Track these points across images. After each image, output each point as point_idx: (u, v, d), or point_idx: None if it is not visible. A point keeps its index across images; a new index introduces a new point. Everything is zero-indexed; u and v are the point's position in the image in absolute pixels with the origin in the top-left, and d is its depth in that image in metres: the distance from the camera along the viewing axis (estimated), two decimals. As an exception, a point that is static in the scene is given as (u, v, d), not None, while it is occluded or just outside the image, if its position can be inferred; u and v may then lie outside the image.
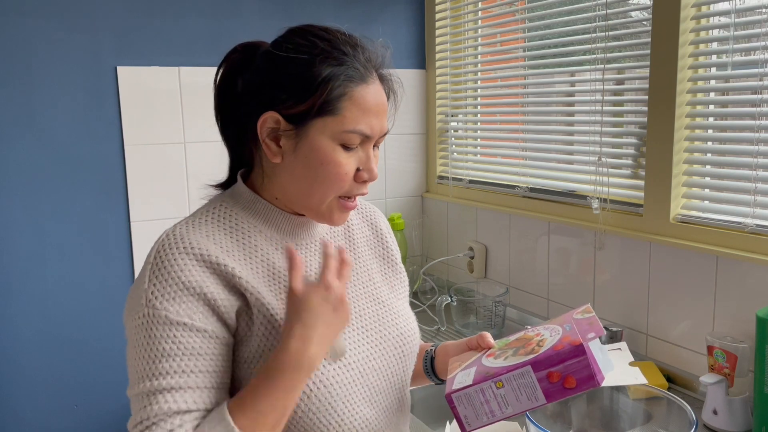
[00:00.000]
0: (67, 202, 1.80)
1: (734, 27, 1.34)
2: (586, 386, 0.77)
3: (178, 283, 0.78)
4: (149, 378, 0.78)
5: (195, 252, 0.80)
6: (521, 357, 0.81)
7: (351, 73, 0.81)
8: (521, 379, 0.79)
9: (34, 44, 1.72)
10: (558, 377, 0.77)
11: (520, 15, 1.94)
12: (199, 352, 0.78)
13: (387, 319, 0.95)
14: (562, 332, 0.84)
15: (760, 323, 1.15)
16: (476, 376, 0.82)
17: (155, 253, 0.81)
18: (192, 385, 0.77)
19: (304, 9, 2.05)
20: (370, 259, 1.00)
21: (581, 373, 0.77)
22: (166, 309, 0.77)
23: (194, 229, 0.84)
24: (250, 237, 0.87)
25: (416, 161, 2.34)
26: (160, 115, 1.88)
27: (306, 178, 0.83)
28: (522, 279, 1.92)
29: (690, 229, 1.42)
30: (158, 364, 0.77)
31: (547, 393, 0.78)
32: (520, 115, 1.95)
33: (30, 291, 1.79)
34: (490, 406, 0.80)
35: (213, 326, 0.79)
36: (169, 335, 0.77)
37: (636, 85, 1.63)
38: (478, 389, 0.80)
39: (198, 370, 0.78)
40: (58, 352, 1.84)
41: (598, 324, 0.84)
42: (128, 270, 1.89)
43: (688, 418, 1.04)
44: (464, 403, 0.81)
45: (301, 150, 0.82)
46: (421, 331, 1.91)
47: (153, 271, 0.79)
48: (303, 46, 0.82)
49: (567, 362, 0.77)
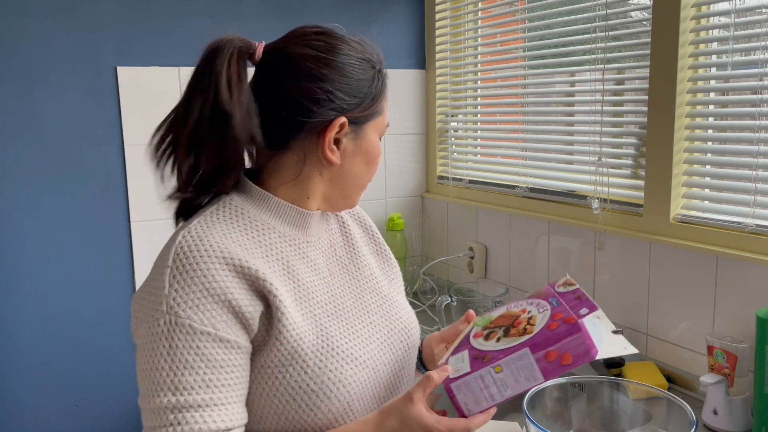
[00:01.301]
0: (67, 202, 1.80)
1: (734, 27, 1.34)
2: (583, 361, 0.78)
3: (202, 289, 0.75)
4: (171, 392, 0.75)
5: (218, 254, 0.78)
6: (515, 338, 0.82)
7: (385, 75, 0.91)
8: (519, 362, 0.79)
9: (34, 44, 1.72)
10: (555, 356, 0.78)
11: (520, 15, 1.94)
12: (221, 364, 0.76)
13: (391, 313, 0.96)
14: (551, 308, 0.85)
15: (760, 323, 1.15)
16: (472, 362, 0.82)
17: (174, 256, 0.78)
18: (217, 401, 0.76)
19: (305, 9, 2.05)
20: (368, 255, 1.01)
21: (578, 349, 0.78)
22: (190, 317, 0.75)
23: (211, 228, 0.81)
24: (264, 235, 0.86)
25: (416, 161, 2.34)
26: (160, 115, 1.87)
27: (363, 173, 0.91)
28: (522, 279, 1.92)
29: (690, 229, 1.42)
30: (181, 377, 0.74)
31: (545, 372, 0.79)
32: (520, 115, 1.95)
33: (30, 291, 1.79)
34: (489, 391, 0.80)
35: (235, 336, 0.77)
36: (192, 345, 0.75)
37: (636, 85, 1.63)
38: (477, 376, 0.80)
39: (221, 384, 0.76)
40: (58, 352, 1.84)
41: (586, 298, 0.84)
42: (128, 270, 1.89)
43: (688, 418, 1.04)
44: (464, 391, 0.81)
45: (359, 149, 0.88)
46: (422, 331, 1.91)
47: (174, 275, 0.76)
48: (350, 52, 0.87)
49: (564, 341, 0.78)
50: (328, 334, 0.84)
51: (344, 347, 0.85)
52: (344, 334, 0.86)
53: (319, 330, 0.84)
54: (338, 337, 0.85)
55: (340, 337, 0.85)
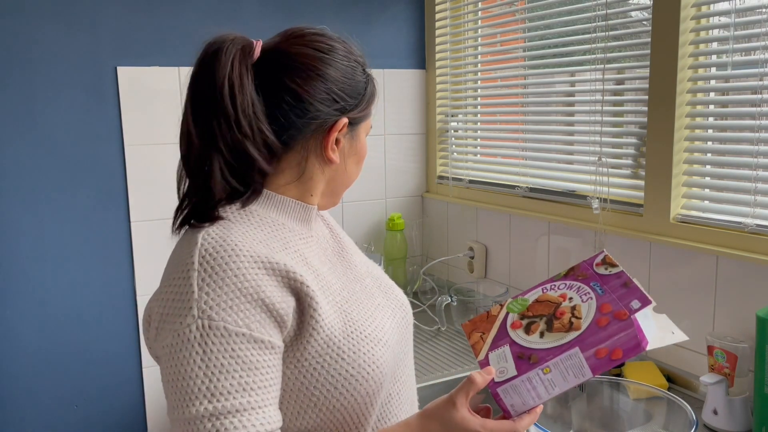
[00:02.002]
0: (67, 202, 1.80)
1: (734, 27, 1.34)
2: (633, 354, 0.76)
3: (234, 290, 0.74)
4: (207, 399, 0.72)
5: (245, 253, 0.76)
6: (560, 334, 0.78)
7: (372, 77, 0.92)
8: (569, 361, 0.76)
9: (34, 44, 1.72)
10: (605, 353, 0.76)
11: (520, 15, 1.94)
12: (257, 366, 0.74)
13: (388, 292, 0.99)
14: (596, 297, 0.81)
15: (760, 323, 1.15)
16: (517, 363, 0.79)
17: (200, 258, 0.75)
18: (255, 404, 0.74)
19: (304, 9, 2.05)
20: (349, 244, 1.03)
21: (629, 344, 0.75)
22: (224, 319, 0.72)
23: (229, 229, 0.79)
24: (277, 231, 0.85)
25: (416, 161, 2.34)
26: (160, 115, 1.88)
27: (354, 173, 0.94)
28: (522, 279, 1.92)
29: (690, 229, 1.42)
30: (217, 383, 0.72)
31: (594, 367, 0.76)
32: (520, 115, 1.95)
33: (30, 291, 1.79)
34: (537, 392, 0.78)
35: (269, 336, 0.76)
36: (227, 348, 0.72)
37: (636, 85, 1.63)
38: (525, 379, 0.78)
39: (257, 387, 0.74)
40: (58, 353, 1.84)
41: (635, 286, 0.80)
42: (128, 270, 1.89)
43: (688, 418, 1.04)
44: (511, 394, 0.78)
45: (353, 148, 0.91)
46: (421, 331, 1.91)
47: (202, 278, 0.74)
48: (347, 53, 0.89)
49: (615, 337, 0.75)
50: (352, 320, 0.85)
51: (368, 330, 0.86)
52: (364, 318, 0.88)
53: (344, 316, 0.85)
54: (361, 321, 0.86)
55: (363, 321, 0.87)
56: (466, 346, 1.81)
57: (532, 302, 0.88)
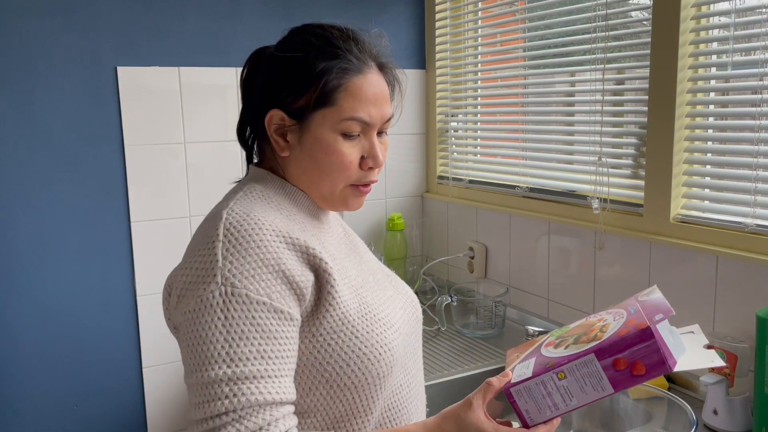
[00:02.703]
0: (67, 202, 1.80)
1: (734, 27, 1.34)
2: (657, 372, 0.72)
3: (257, 260, 0.76)
4: (227, 363, 0.74)
5: (267, 227, 0.79)
6: (583, 345, 0.76)
7: (344, 65, 0.85)
8: (585, 368, 0.73)
9: (34, 44, 1.72)
10: (625, 364, 0.72)
11: (520, 15, 1.94)
12: (275, 335, 0.76)
13: (398, 288, 1.01)
14: (627, 315, 0.79)
15: (760, 323, 1.15)
16: (536, 368, 0.78)
17: (224, 230, 0.78)
18: (272, 373, 0.76)
19: (304, 9, 2.05)
20: (360, 244, 1.05)
21: (651, 358, 0.71)
22: (246, 287, 0.75)
23: (252, 206, 0.83)
24: (294, 217, 0.88)
25: (416, 161, 2.34)
26: (160, 115, 1.88)
27: (313, 169, 0.87)
28: (522, 279, 1.92)
29: (690, 229, 1.42)
30: (237, 348, 0.74)
31: (615, 382, 0.73)
32: (520, 115, 1.95)
33: (30, 291, 1.79)
34: (552, 399, 0.76)
35: (288, 307, 0.78)
36: (248, 316, 0.75)
37: (636, 85, 1.63)
38: (539, 381, 0.76)
39: (275, 356, 0.76)
40: (57, 352, 1.83)
41: (665, 303, 0.78)
42: (128, 270, 1.89)
43: (688, 418, 1.04)
44: (524, 396, 0.77)
45: (305, 143, 0.86)
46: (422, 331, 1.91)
47: (227, 248, 0.77)
48: (299, 45, 0.87)
49: (634, 347, 0.71)
50: (367, 303, 0.87)
51: (382, 314, 0.88)
52: (378, 303, 0.90)
53: (359, 299, 0.87)
54: (375, 305, 0.89)
55: (377, 306, 0.89)
56: (466, 346, 1.81)
57: (573, 327, 0.87)
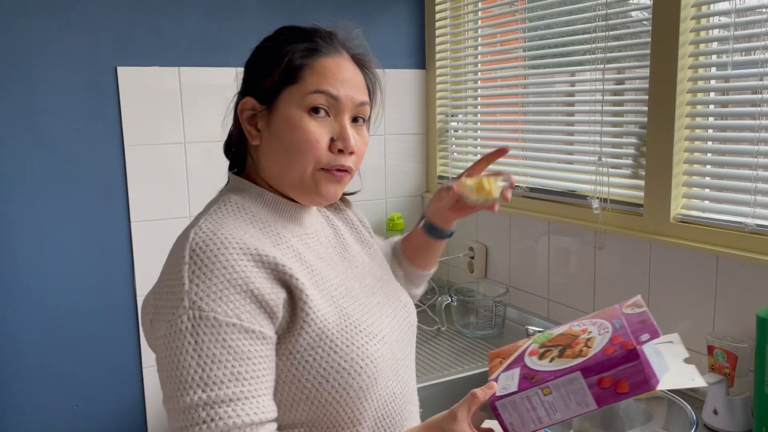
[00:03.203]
0: (67, 202, 1.80)
1: (734, 27, 1.34)
2: (641, 391, 0.73)
3: (223, 281, 0.75)
4: (201, 388, 0.73)
5: (234, 246, 0.78)
6: (568, 360, 0.78)
7: (311, 46, 0.86)
8: (570, 385, 0.75)
9: (34, 44, 1.72)
10: (610, 382, 0.73)
11: (520, 15, 1.94)
12: (248, 356, 0.76)
13: (391, 294, 0.99)
14: (612, 330, 0.80)
15: (760, 323, 1.15)
16: (521, 381, 0.79)
17: (190, 252, 0.77)
18: (248, 394, 0.75)
19: (304, 9, 2.05)
20: (354, 244, 1.03)
21: (635, 378, 0.73)
22: (214, 310, 0.74)
23: (221, 223, 0.81)
24: (270, 227, 0.86)
25: (416, 161, 2.34)
26: (160, 115, 1.88)
27: (281, 151, 0.85)
28: (522, 279, 1.92)
29: (690, 229, 1.42)
30: (210, 372, 0.73)
31: (599, 398, 0.74)
32: (520, 115, 1.95)
33: (30, 291, 1.79)
34: (537, 413, 0.77)
35: (260, 326, 0.77)
36: (218, 338, 0.74)
37: (636, 85, 1.63)
38: (524, 396, 0.77)
39: (250, 376, 0.75)
40: (58, 352, 1.83)
41: (651, 322, 0.79)
42: (128, 270, 1.89)
43: (688, 418, 1.04)
44: (509, 410, 0.78)
45: (273, 125, 0.85)
46: (421, 331, 1.91)
47: (192, 270, 0.76)
48: (274, 37, 0.89)
49: (620, 367, 0.73)
50: (348, 314, 0.86)
51: (364, 325, 0.86)
52: (360, 312, 0.88)
53: (339, 311, 0.85)
54: (357, 315, 0.87)
55: (359, 316, 0.87)
56: (466, 346, 1.81)
57: (557, 335, 0.88)
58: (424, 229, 1.13)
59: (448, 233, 1.15)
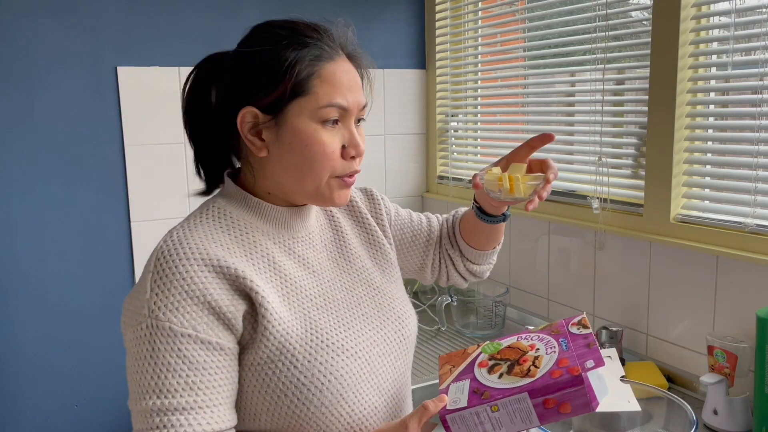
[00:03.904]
0: (67, 202, 1.80)
1: (734, 27, 1.34)
2: (582, 411, 0.79)
3: (181, 292, 0.76)
4: (156, 395, 0.76)
5: (196, 256, 0.79)
6: (517, 378, 0.82)
7: (316, 52, 0.83)
8: (517, 404, 0.80)
9: (34, 44, 1.72)
10: (554, 403, 0.78)
11: (520, 15, 1.94)
12: (204, 366, 0.77)
13: (383, 304, 0.96)
14: (559, 352, 0.84)
15: (760, 323, 1.15)
16: (470, 396, 0.83)
17: (155, 261, 0.79)
18: (202, 404, 0.76)
19: (304, 9, 2.05)
20: (358, 246, 1.00)
21: (578, 400, 0.78)
22: (170, 320, 0.75)
23: (192, 231, 0.82)
24: (248, 233, 0.86)
25: (416, 161, 2.34)
26: (160, 115, 1.88)
27: (296, 164, 0.83)
28: (522, 279, 1.92)
29: (690, 229, 1.42)
30: (164, 380, 0.76)
31: (542, 417, 0.80)
32: (520, 115, 1.95)
33: (30, 291, 1.79)
34: (484, 427, 0.81)
35: (217, 338, 0.78)
36: (173, 348, 0.76)
37: (636, 85, 1.63)
38: (473, 412, 0.81)
39: (205, 387, 0.77)
40: (58, 352, 1.84)
41: (596, 348, 0.83)
42: (128, 270, 1.89)
43: (688, 418, 1.04)
44: (458, 423, 0.82)
45: (284, 137, 0.83)
46: (421, 331, 1.91)
47: (154, 279, 0.77)
48: (267, 39, 0.85)
49: (564, 391, 0.78)
50: (317, 327, 0.85)
51: (334, 339, 0.85)
52: (334, 326, 0.87)
53: (307, 323, 0.84)
54: (328, 329, 0.86)
55: (330, 329, 0.86)
56: (466, 346, 1.80)
57: (505, 347, 0.91)
58: (475, 212, 1.06)
59: (498, 218, 1.05)
